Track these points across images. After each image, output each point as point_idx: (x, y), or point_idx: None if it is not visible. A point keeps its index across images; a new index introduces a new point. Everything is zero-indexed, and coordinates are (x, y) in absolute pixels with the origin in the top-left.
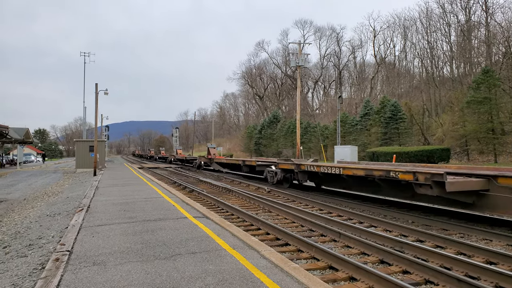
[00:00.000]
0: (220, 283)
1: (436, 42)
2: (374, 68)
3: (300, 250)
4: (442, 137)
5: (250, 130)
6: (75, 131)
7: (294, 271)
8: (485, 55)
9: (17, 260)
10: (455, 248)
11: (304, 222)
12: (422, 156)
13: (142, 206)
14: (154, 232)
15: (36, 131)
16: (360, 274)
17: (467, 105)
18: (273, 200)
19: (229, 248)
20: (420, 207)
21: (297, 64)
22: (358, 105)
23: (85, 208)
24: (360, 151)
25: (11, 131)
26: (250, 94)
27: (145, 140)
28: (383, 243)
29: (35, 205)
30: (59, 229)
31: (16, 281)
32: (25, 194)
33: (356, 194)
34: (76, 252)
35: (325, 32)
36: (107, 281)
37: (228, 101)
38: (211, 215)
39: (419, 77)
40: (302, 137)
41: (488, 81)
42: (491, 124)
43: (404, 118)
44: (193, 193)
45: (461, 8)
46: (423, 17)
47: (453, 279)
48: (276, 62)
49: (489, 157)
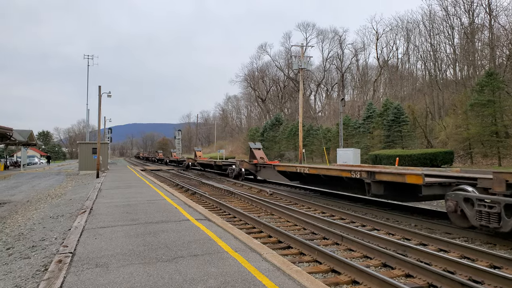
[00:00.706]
0: (222, 285)
1: (439, 45)
2: (376, 71)
3: (302, 253)
4: (446, 140)
5: (252, 133)
6: (78, 133)
7: (296, 274)
8: (489, 58)
9: (20, 262)
10: (459, 252)
11: (306, 225)
12: (425, 159)
13: (144, 208)
14: (157, 234)
15: (39, 133)
16: (363, 277)
17: (470, 107)
18: (275, 203)
19: (231, 250)
20: (424, 210)
21: (300, 66)
22: (361, 107)
23: (88, 210)
24: (363, 154)
25: (15, 133)
26: (252, 96)
27: (148, 143)
28: (386, 246)
29: (38, 207)
30: (62, 231)
31: (19, 283)
32: (28, 196)
33: (358, 197)
34: (78, 254)
35: (328, 35)
36: (109, 283)
37: (231, 104)
38: (213, 218)
39: (422, 80)
40: (305, 140)
41: (492, 83)
42: (495, 127)
43: (407, 121)
44: (195, 195)
45: (464, 11)
46: (426, 19)
47: (456, 283)
48: (279, 65)
49: (493, 160)
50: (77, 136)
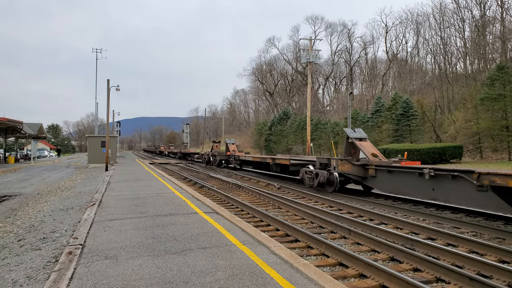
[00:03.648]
0: (230, 278)
1: (449, 38)
2: (385, 65)
3: (310, 246)
4: (455, 134)
5: (260, 127)
6: (87, 126)
7: (304, 267)
8: (500, 51)
9: (31, 253)
10: (467, 246)
11: (314, 219)
12: (434, 153)
13: (153, 201)
14: (165, 227)
15: (49, 127)
16: (371, 271)
17: (480, 102)
18: (282, 197)
19: (239, 243)
20: (432, 204)
21: (308, 60)
22: (370, 101)
23: (97, 202)
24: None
25: (25, 127)
26: (260, 90)
27: (156, 136)
28: (393, 240)
29: (48, 199)
30: (71, 223)
31: (30, 274)
32: (38, 188)
33: (366, 193)
34: (88, 246)
35: (337, 28)
36: (119, 275)
37: (239, 98)
38: (221, 211)
39: (432, 74)
40: (312, 134)
41: (503, 77)
42: (505, 121)
43: (416, 115)
44: (204, 188)
45: (475, 3)
46: (437, 12)
47: (465, 277)
48: (287, 58)
49: (503, 155)
50: (86, 130)
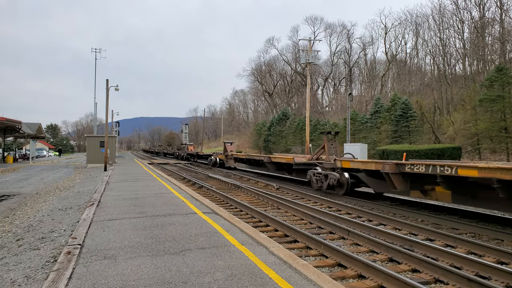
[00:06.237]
0: (229, 278)
1: (448, 39)
2: (385, 66)
3: (309, 247)
4: (453, 135)
5: (259, 127)
6: (86, 126)
7: (303, 268)
8: (499, 53)
9: (30, 253)
10: (466, 247)
11: (313, 220)
12: (433, 154)
13: (152, 201)
14: (164, 227)
15: (48, 126)
16: (369, 272)
17: (479, 103)
18: (281, 197)
19: (238, 244)
20: (430, 205)
21: (307, 61)
22: (369, 102)
23: (96, 202)
24: (370, 149)
25: (24, 126)
26: (259, 91)
27: (155, 136)
28: (392, 241)
29: (47, 199)
30: (70, 223)
31: (29, 273)
32: (37, 188)
33: (364, 192)
34: (87, 246)
35: (336, 29)
36: (117, 275)
37: (238, 98)
38: (220, 211)
39: (431, 75)
40: (312, 135)
41: (502, 79)
42: (504, 122)
43: (414, 116)
44: (202, 189)
45: (475, 4)
46: (436, 13)
47: (463, 278)
48: (286, 59)
49: (502, 156)
50: (85, 129)
